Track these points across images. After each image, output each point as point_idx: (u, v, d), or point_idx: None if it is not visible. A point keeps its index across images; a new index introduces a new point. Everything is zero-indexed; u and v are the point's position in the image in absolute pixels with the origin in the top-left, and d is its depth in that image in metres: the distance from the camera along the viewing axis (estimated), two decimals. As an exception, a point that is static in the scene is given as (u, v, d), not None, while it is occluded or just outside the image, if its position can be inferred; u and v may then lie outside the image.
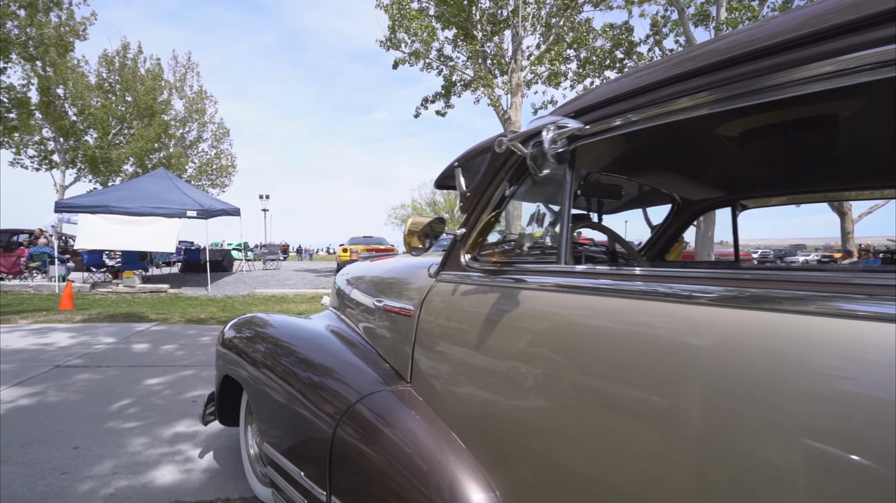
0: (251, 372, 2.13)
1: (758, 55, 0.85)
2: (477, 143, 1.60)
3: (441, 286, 1.60)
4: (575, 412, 1.05)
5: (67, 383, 4.08)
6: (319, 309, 9.75)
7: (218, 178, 32.62)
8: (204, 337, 6.31)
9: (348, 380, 1.72)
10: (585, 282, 1.14)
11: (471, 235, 1.54)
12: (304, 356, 1.98)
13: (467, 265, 1.53)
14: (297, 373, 1.86)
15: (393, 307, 1.81)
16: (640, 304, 0.99)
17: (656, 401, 0.90)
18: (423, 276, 1.77)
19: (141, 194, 12.34)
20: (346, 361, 1.88)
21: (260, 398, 2.04)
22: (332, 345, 2.04)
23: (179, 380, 4.31)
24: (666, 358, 0.90)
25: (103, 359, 4.90)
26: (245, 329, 2.46)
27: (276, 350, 2.09)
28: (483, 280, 1.44)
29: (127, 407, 3.57)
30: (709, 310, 0.88)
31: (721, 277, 0.91)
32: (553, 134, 1.13)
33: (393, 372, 1.73)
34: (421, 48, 12.19)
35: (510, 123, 11.76)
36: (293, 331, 2.29)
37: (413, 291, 1.76)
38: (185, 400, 3.77)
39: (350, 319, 2.36)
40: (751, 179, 2.21)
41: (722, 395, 0.80)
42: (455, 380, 1.43)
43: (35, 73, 21.92)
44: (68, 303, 8.47)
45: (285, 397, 1.84)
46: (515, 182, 1.43)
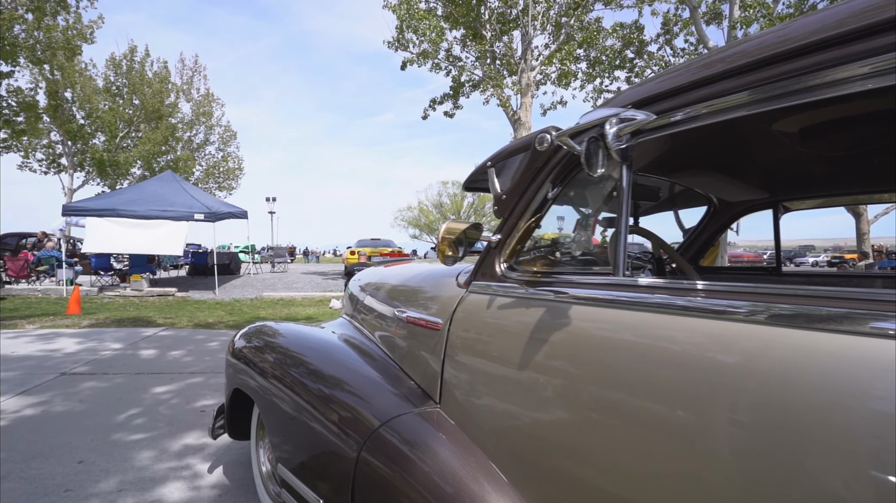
0: (263, 385, 2.00)
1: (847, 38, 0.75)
2: (513, 140, 1.47)
3: (474, 298, 1.46)
4: (645, 449, 0.91)
5: (73, 392, 3.97)
6: (327, 312, 9.66)
7: (225, 181, 32.69)
8: (212, 342, 6.20)
9: (371, 399, 1.58)
10: (650, 297, 1.00)
11: (507, 242, 1.40)
12: (320, 370, 1.85)
13: (504, 275, 1.39)
14: (313, 389, 1.73)
15: (418, 319, 1.67)
16: (723, 327, 0.85)
17: (750, 441, 0.76)
18: (450, 286, 1.63)
19: (148, 197, 12.28)
20: (366, 377, 1.74)
21: (272, 414, 1.91)
22: (349, 359, 1.91)
23: (187, 387, 4.19)
24: (754, 387, 0.76)
25: (110, 366, 4.79)
26: (255, 338, 2.33)
27: (289, 362, 1.96)
28: (523, 292, 1.30)
29: (133, 417, 3.45)
30: (813, 335, 0.74)
31: (826, 296, 0.76)
32: (617, 128, 0.99)
33: (419, 390, 1.59)
34: (429, 48, 12.07)
35: (520, 124, 11.61)
36: (307, 341, 2.16)
37: (440, 302, 1.63)
38: (193, 409, 3.65)
39: (366, 328, 2.23)
40: (797, 179, 2.06)
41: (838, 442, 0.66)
42: (493, 404, 1.29)
43: (43, 76, 22.02)
44: (76, 308, 8.39)
45: (300, 415, 1.70)
46: (559, 183, 1.29)
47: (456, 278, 1.66)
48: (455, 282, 1.63)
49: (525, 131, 11.65)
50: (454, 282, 1.64)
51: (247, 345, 2.31)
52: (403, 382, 1.65)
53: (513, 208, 1.39)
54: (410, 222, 55.34)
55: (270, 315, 8.93)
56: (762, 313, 0.81)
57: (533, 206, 1.34)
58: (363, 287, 2.49)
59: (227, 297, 11.63)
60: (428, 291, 1.78)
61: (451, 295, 1.57)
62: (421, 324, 1.64)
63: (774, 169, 1.96)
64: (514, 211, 1.38)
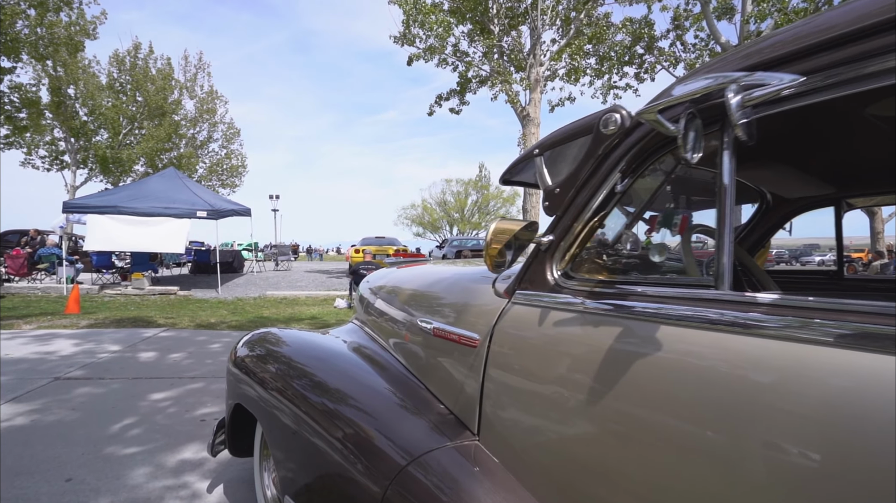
0: (266, 403, 1.77)
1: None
2: (567, 123, 1.23)
3: (519, 310, 1.23)
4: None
5: (66, 399, 3.76)
6: (332, 311, 9.44)
7: (228, 179, 32.49)
8: (214, 344, 5.99)
9: (396, 428, 1.35)
10: (775, 320, 0.76)
11: (562, 245, 1.17)
12: (334, 388, 1.62)
13: (558, 284, 1.16)
14: (326, 412, 1.49)
15: (448, 332, 1.43)
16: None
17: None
18: (485, 295, 1.40)
19: (150, 194, 12.08)
20: (388, 399, 1.51)
21: (278, 437, 1.68)
22: (367, 377, 1.67)
23: (187, 394, 3.97)
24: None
25: (106, 370, 4.58)
26: (259, 347, 2.10)
27: (296, 378, 1.73)
28: (585, 305, 1.06)
29: (128, 427, 3.23)
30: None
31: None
32: (742, 97, 0.75)
33: (452, 418, 1.36)
34: (436, 43, 11.82)
35: (528, 120, 11.35)
36: (317, 353, 1.93)
37: (474, 313, 1.39)
38: (192, 419, 3.43)
39: (381, 336, 2.00)
40: (870, 172, 1.82)
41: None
42: (548, 441, 1.06)
43: (46, 72, 21.85)
44: (75, 307, 8.19)
45: (311, 442, 1.47)
46: (632, 173, 1.06)
47: (492, 285, 1.42)
48: (492, 291, 1.39)
49: (534, 127, 11.40)
50: (489, 289, 1.41)
51: (250, 355, 2.09)
52: (431, 407, 1.42)
53: (569, 205, 1.15)
54: (414, 220, 55.08)
55: (274, 314, 8.71)
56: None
57: (595, 201, 1.11)
58: (377, 291, 2.26)
59: (229, 296, 11.42)
60: (458, 300, 1.54)
61: (489, 306, 1.34)
62: (452, 338, 1.41)
63: (847, 160, 1.72)
64: (570, 208, 1.15)
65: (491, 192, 53.62)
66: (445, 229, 54.44)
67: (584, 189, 1.12)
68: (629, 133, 1.04)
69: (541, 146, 1.27)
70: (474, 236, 40.39)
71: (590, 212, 1.12)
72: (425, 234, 55.09)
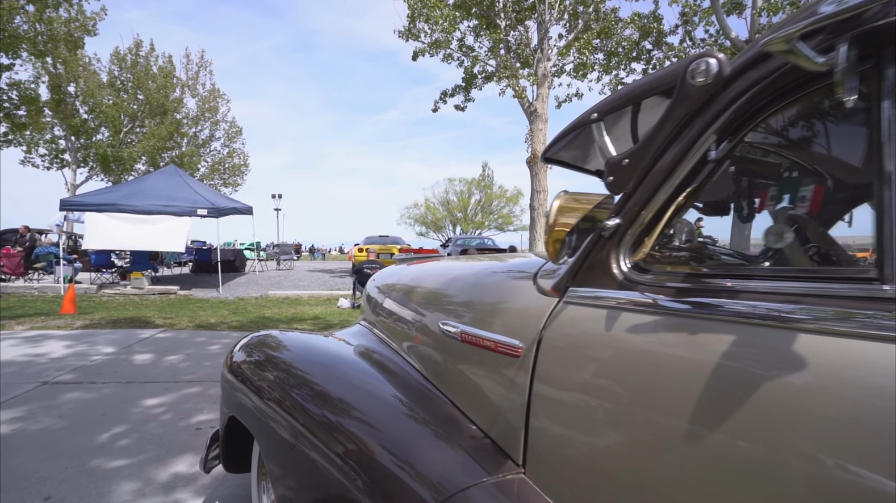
0: (265, 418, 1.53)
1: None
2: (634, 82, 0.99)
3: (576, 312, 0.98)
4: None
5: (53, 405, 3.52)
6: (335, 311, 9.20)
7: (230, 177, 32.30)
8: (213, 345, 5.75)
9: (420, 455, 1.10)
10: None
11: (633, 230, 0.92)
12: (344, 404, 1.37)
13: (628, 279, 0.91)
14: (336, 433, 1.25)
15: (481, 339, 1.19)
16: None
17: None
18: (527, 292, 1.16)
19: (150, 192, 11.86)
20: (406, 416, 1.27)
21: (277, 458, 1.44)
22: (380, 389, 1.43)
23: (183, 399, 3.73)
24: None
25: (98, 374, 4.34)
26: (257, 352, 1.86)
27: (300, 391, 1.48)
28: (671, 306, 0.82)
29: (118, 437, 3.00)
30: None
31: None
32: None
33: (488, 443, 1.11)
34: (441, 38, 11.57)
35: (536, 116, 11.09)
36: (323, 360, 1.68)
37: (515, 315, 1.15)
38: (187, 427, 3.19)
39: (393, 340, 1.76)
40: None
41: None
42: (624, 482, 0.82)
43: (45, 70, 21.66)
44: (70, 307, 7.97)
45: (316, 469, 1.23)
46: (735, 132, 0.81)
47: (533, 281, 1.18)
48: (533, 288, 1.15)
49: (542, 123, 11.14)
50: (530, 286, 1.16)
51: (247, 361, 1.85)
52: (461, 428, 1.18)
53: (642, 180, 0.91)
54: (417, 220, 54.83)
55: (276, 314, 8.48)
56: None
57: (680, 173, 0.86)
58: (386, 290, 2.02)
59: (230, 296, 11.20)
60: (491, 298, 1.30)
61: (533, 306, 1.10)
62: (486, 345, 1.16)
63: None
64: (644, 183, 0.91)
65: (494, 192, 53.41)
66: (448, 229, 54.21)
67: (663, 158, 0.88)
68: (729, 83, 0.80)
69: (600, 109, 1.02)
70: (477, 235, 40.15)
71: (672, 187, 0.87)
72: (428, 233, 54.86)
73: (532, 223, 11.23)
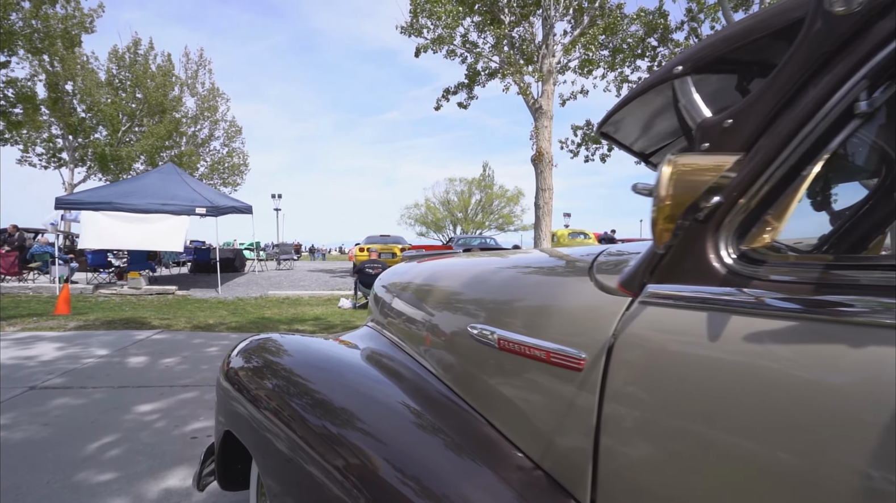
0: (264, 435, 1.32)
1: None
2: (730, 24, 0.79)
3: (660, 315, 0.77)
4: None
5: (39, 412, 3.31)
6: (336, 312, 8.97)
7: (230, 177, 32.10)
8: (211, 347, 5.54)
9: (452, 484, 0.89)
10: None
11: (741, 209, 0.72)
12: (355, 416, 1.16)
13: (734, 271, 0.70)
14: (348, 452, 1.04)
15: (527, 347, 0.97)
16: None
17: None
18: (585, 289, 0.94)
19: (147, 190, 11.65)
20: (433, 435, 1.06)
21: (280, 477, 1.23)
22: (399, 402, 1.22)
23: (178, 405, 3.53)
24: None
25: (90, 378, 4.13)
26: (256, 358, 1.65)
27: (303, 401, 1.27)
28: (796, 306, 0.62)
29: (107, 447, 2.79)
30: None
31: None
32: None
33: (540, 474, 0.90)
34: (444, 33, 11.36)
35: (541, 113, 10.88)
36: (328, 366, 1.47)
37: (572, 319, 0.93)
38: (182, 436, 2.99)
39: (407, 343, 1.55)
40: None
41: None
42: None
43: (42, 68, 21.45)
44: (64, 308, 7.76)
45: (325, 493, 1.02)
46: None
47: (589, 275, 0.97)
48: (591, 283, 0.94)
49: (547, 120, 10.94)
50: (588, 282, 0.95)
51: (245, 367, 1.64)
52: (502, 453, 0.97)
53: (751, 144, 0.70)
54: (418, 220, 54.60)
55: (276, 315, 8.28)
56: None
57: (812, 133, 0.66)
58: (398, 289, 1.81)
59: (230, 296, 10.99)
60: (535, 297, 1.08)
61: (596, 306, 0.88)
62: (534, 355, 0.95)
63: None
64: (756, 149, 0.70)
65: (495, 192, 53.22)
66: (449, 229, 54.02)
67: (786, 115, 0.67)
68: (886, 11, 0.59)
69: (688, 60, 0.82)
70: (478, 235, 39.88)
71: (801, 153, 0.67)
72: (428, 233, 54.64)
73: (537, 222, 11.03)
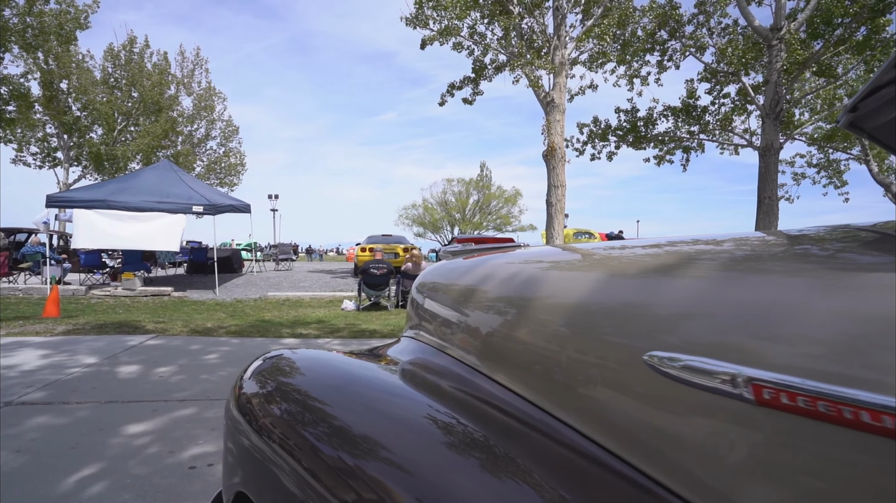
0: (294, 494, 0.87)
1: None
2: None
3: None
4: None
5: (12, 434, 2.86)
6: (339, 314, 8.47)
7: (227, 177, 31.61)
8: (210, 353, 5.09)
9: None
10: None
11: None
12: (435, 474, 0.72)
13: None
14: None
15: (854, 408, 0.51)
16: None
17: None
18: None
19: (142, 188, 11.18)
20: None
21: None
22: (510, 463, 0.77)
23: (174, 425, 3.08)
24: None
25: (74, 391, 3.67)
26: (270, 381, 1.20)
27: (354, 450, 0.82)
28: None
29: (87, 482, 2.33)
30: None
31: None
32: None
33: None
34: (452, 24, 10.91)
35: (553, 106, 10.44)
36: (389, 400, 1.03)
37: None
38: (178, 465, 2.53)
39: (484, 364, 1.09)
40: None
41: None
42: None
43: (37, 66, 20.96)
44: (54, 310, 7.29)
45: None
46: None
47: None
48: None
49: (559, 114, 10.49)
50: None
51: (259, 395, 1.19)
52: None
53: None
54: (415, 220, 54.14)
55: (277, 317, 7.82)
56: None
57: None
58: (461, 294, 1.35)
59: (228, 298, 10.53)
60: (821, 316, 0.63)
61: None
62: (857, 420, 0.50)
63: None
64: None
65: (492, 192, 52.84)
66: (447, 229, 53.60)
67: None
68: None
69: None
70: (478, 236, 39.39)
71: None
72: (426, 234, 54.20)
73: (549, 220, 10.57)
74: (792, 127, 15.62)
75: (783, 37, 11.63)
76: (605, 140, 15.47)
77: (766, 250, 0.81)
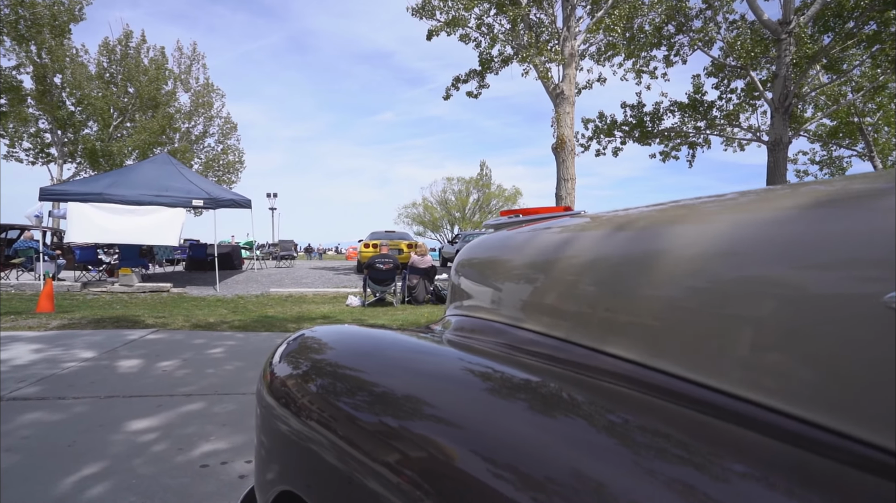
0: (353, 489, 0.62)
1: None
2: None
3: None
4: None
5: (4, 432, 2.58)
6: (345, 310, 8.17)
7: (225, 175, 31.27)
8: (215, 348, 4.81)
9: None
10: None
11: None
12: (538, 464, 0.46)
13: None
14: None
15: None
16: None
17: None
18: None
19: (140, 181, 10.87)
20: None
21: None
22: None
23: (180, 420, 2.81)
24: None
25: (71, 386, 3.40)
26: (303, 360, 0.96)
27: (427, 435, 0.57)
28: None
29: (87, 483, 2.06)
30: None
31: None
32: None
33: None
34: (459, 15, 10.66)
35: (563, 98, 10.21)
36: (450, 374, 0.78)
37: None
38: (188, 464, 2.27)
39: (586, 335, 0.83)
40: None
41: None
42: None
43: (30, 59, 20.58)
44: (47, 305, 6.99)
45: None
46: None
47: None
48: None
49: (569, 106, 10.25)
50: None
51: (298, 375, 0.93)
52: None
53: None
54: (415, 219, 53.90)
55: (280, 313, 7.55)
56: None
57: None
58: (527, 268, 1.08)
59: (229, 294, 10.24)
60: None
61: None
62: None
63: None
64: None
65: (492, 191, 52.65)
66: (447, 228, 53.38)
67: None
68: None
69: None
70: (478, 233, 39.18)
71: None
72: (426, 232, 53.95)
73: (558, 214, 10.35)
74: (798, 123, 15.41)
75: (792, 30, 11.42)
76: (611, 135, 15.26)
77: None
